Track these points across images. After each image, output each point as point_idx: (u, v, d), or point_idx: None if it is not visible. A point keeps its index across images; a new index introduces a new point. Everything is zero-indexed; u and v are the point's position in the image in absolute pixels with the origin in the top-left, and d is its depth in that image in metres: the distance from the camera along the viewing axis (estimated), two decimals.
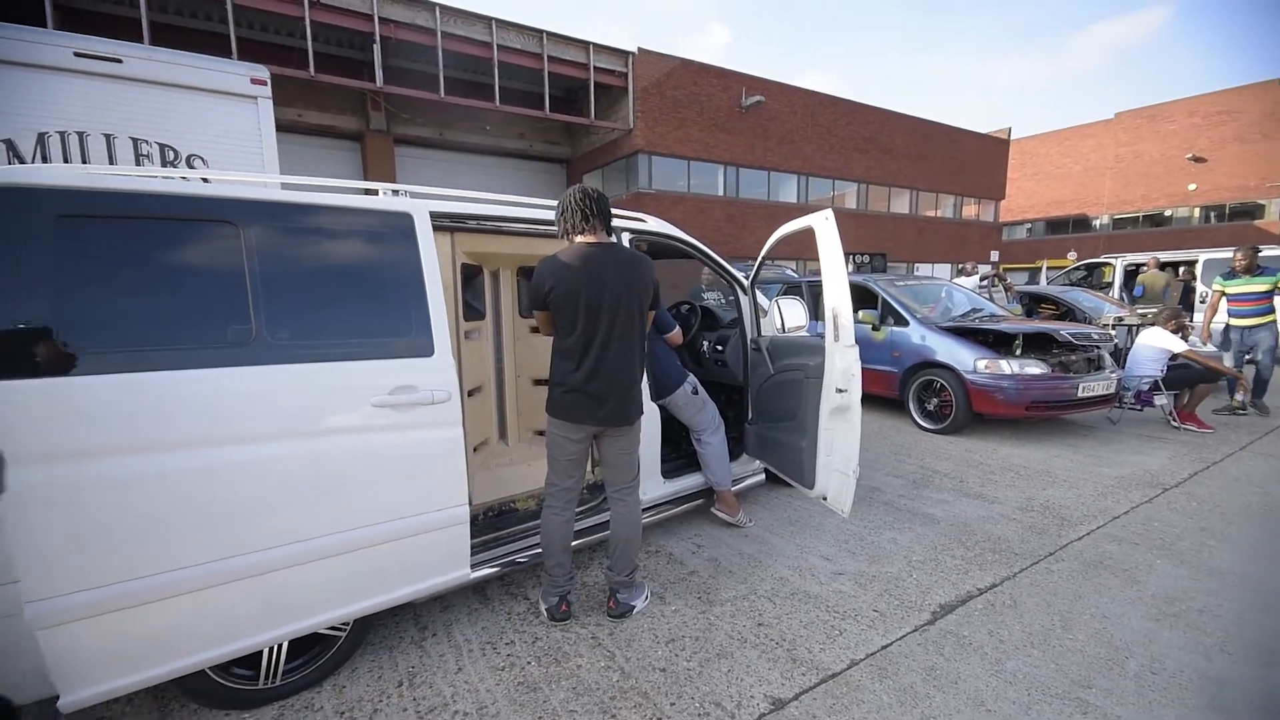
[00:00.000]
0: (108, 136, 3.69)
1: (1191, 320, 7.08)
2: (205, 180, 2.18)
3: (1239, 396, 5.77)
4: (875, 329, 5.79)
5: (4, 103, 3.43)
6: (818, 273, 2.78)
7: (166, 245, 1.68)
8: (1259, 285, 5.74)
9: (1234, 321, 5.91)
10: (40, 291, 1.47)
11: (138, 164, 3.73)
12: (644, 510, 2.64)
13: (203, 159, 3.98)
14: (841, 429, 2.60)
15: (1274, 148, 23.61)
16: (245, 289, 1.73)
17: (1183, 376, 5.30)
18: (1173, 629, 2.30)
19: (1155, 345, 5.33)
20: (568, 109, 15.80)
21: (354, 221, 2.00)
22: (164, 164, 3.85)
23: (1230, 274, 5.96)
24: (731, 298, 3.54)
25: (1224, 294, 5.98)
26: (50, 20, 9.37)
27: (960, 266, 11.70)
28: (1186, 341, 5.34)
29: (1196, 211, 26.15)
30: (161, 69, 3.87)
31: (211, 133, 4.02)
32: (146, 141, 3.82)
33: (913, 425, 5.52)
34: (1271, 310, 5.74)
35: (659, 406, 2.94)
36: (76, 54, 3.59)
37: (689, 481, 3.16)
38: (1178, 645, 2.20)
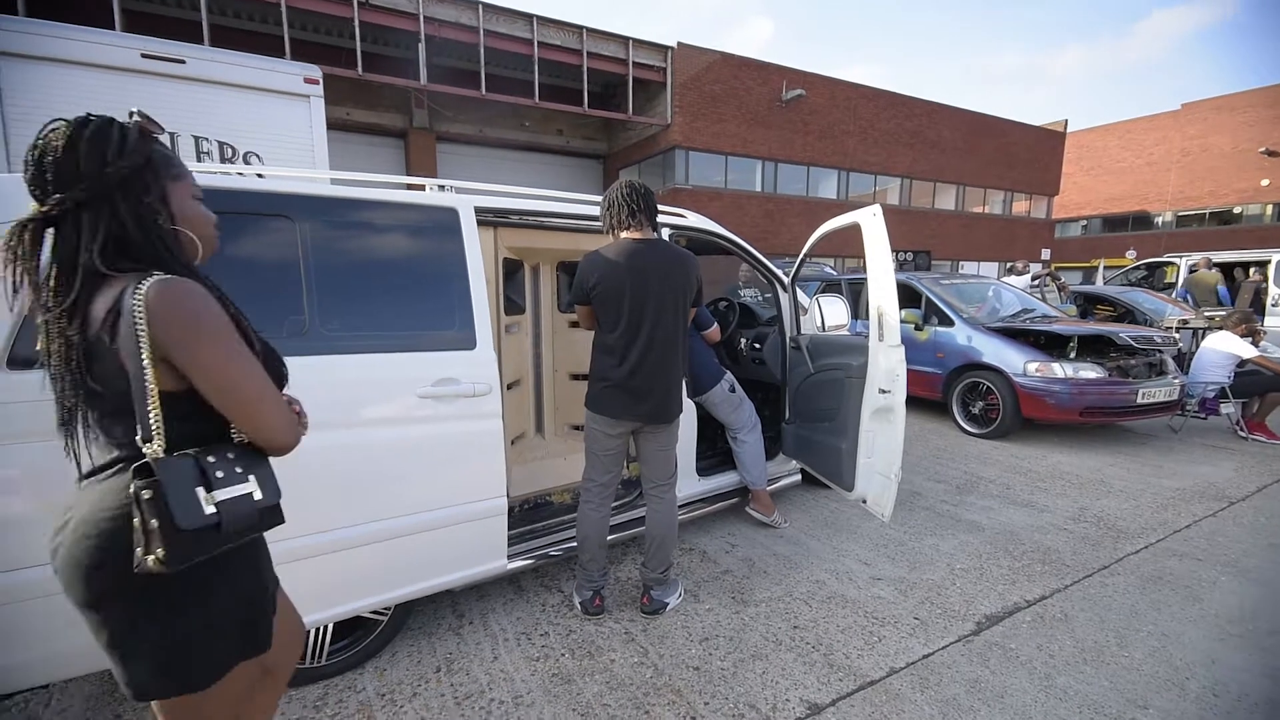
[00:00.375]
0: (172, 134, 3.87)
1: (1262, 324, 6.64)
2: (260, 176, 2.26)
3: None
4: (918, 329, 5.62)
5: (77, 103, 3.61)
6: (857, 270, 2.71)
7: (226, 238, 1.74)
8: None
9: None
10: None
11: (199, 161, 3.91)
12: (679, 507, 2.63)
13: (258, 156, 4.14)
14: (884, 430, 2.54)
15: None
16: (300, 280, 1.79)
17: (1252, 384, 5.01)
18: (1238, 650, 2.18)
19: (1223, 350, 5.03)
20: (605, 105, 15.83)
21: (402, 216, 2.05)
22: (223, 161, 4.02)
23: None
24: (769, 295, 3.48)
25: None
26: (118, 23, 9.86)
27: (1009, 265, 11.26)
28: (1258, 346, 5.03)
29: (1269, 208, 24.46)
30: (221, 69, 4.04)
31: (267, 130, 4.18)
32: (207, 139, 4.00)
33: (956, 429, 5.34)
34: None
35: (695, 403, 2.92)
36: (144, 55, 3.78)
37: (724, 480, 3.14)
38: (1243, 668, 2.08)
